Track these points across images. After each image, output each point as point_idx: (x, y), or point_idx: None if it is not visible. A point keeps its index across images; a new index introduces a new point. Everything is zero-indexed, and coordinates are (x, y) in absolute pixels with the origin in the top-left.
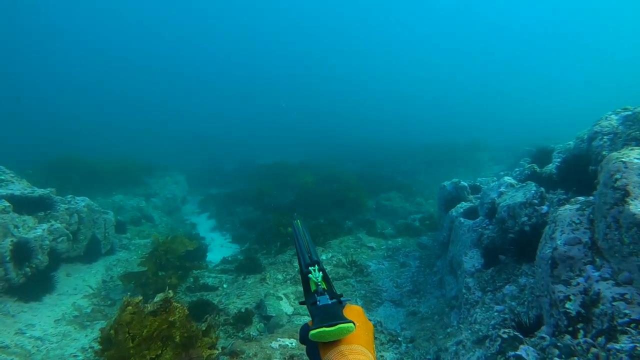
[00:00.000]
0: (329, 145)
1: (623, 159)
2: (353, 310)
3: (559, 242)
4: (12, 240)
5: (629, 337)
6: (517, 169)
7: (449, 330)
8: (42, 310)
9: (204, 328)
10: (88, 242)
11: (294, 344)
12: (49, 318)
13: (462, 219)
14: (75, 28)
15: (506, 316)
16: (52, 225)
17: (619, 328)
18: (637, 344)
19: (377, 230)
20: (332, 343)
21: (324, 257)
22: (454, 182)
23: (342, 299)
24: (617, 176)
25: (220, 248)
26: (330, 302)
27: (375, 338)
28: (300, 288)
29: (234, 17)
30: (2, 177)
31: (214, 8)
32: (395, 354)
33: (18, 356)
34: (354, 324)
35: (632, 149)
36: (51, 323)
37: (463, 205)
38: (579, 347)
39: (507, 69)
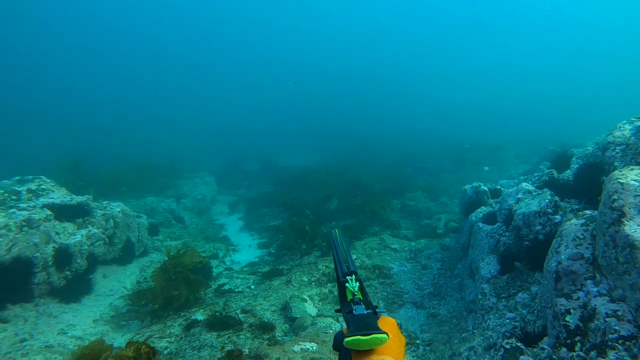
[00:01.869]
0: (353, 146)
1: (621, 180)
2: (387, 322)
3: (563, 257)
4: (54, 247)
5: (616, 353)
6: (536, 174)
7: (464, 335)
8: (82, 311)
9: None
10: (123, 245)
11: (314, 348)
12: (88, 318)
13: (481, 224)
14: (94, 24)
15: (517, 324)
16: (89, 230)
17: (609, 343)
18: None
19: (401, 231)
20: (365, 352)
21: None
22: (475, 187)
23: (377, 310)
24: (615, 197)
25: (248, 248)
26: (366, 312)
27: None
28: (325, 289)
29: (257, 16)
30: (43, 187)
31: (239, 8)
32: (413, 356)
33: (61, 355)
34: (388, 335)
35: (631, 169)
36: (90, 323)
37: (482, 210)
38: None
39: (538, 61)
